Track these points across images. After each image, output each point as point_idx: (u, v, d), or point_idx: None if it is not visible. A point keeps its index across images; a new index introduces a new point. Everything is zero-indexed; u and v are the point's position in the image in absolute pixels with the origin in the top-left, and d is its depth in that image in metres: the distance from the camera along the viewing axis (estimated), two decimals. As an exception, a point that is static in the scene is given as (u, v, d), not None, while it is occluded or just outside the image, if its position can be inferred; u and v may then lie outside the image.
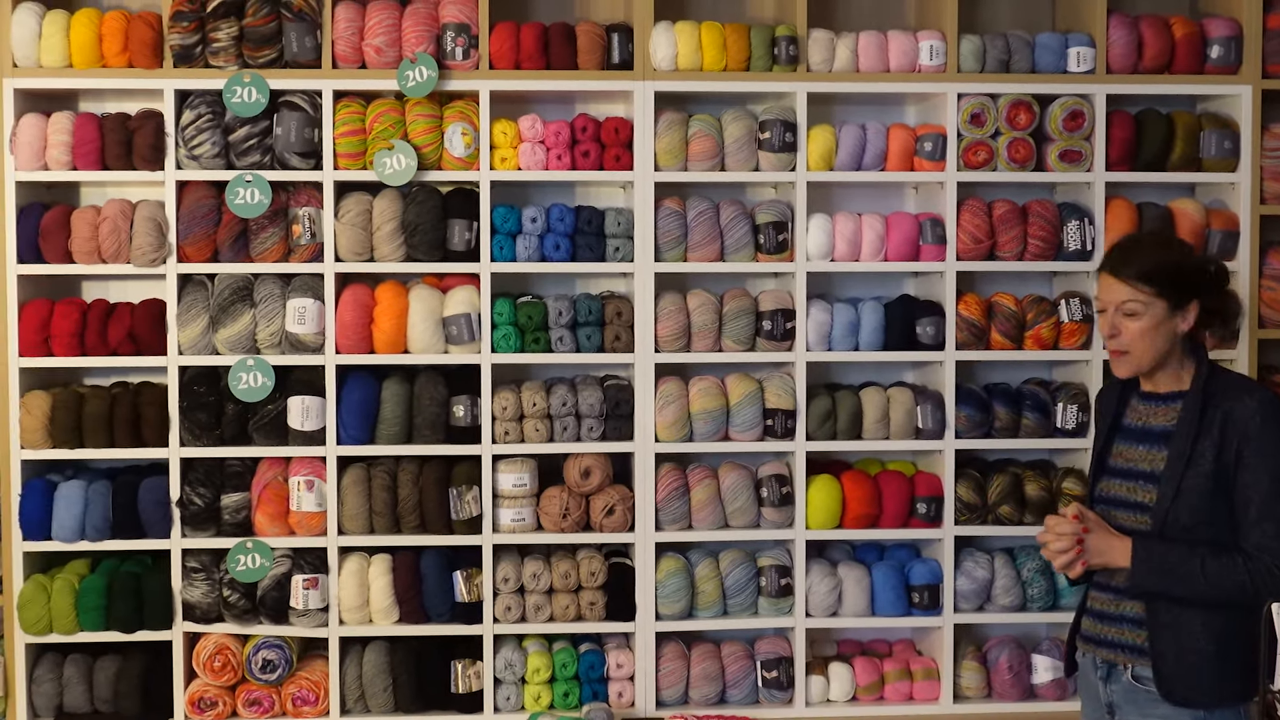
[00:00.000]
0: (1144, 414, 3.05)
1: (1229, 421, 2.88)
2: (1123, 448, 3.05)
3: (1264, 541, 2.83)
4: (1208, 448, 2.89)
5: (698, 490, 4.07)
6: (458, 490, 3.97)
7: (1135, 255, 2.97)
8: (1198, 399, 2.93)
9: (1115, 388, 3.15)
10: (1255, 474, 2.86)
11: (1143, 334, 2.92)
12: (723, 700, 4.10)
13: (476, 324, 3.96)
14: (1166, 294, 2.92)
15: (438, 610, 4.00)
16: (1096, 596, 3.08)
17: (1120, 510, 3.01)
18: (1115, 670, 3.03)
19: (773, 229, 4.05)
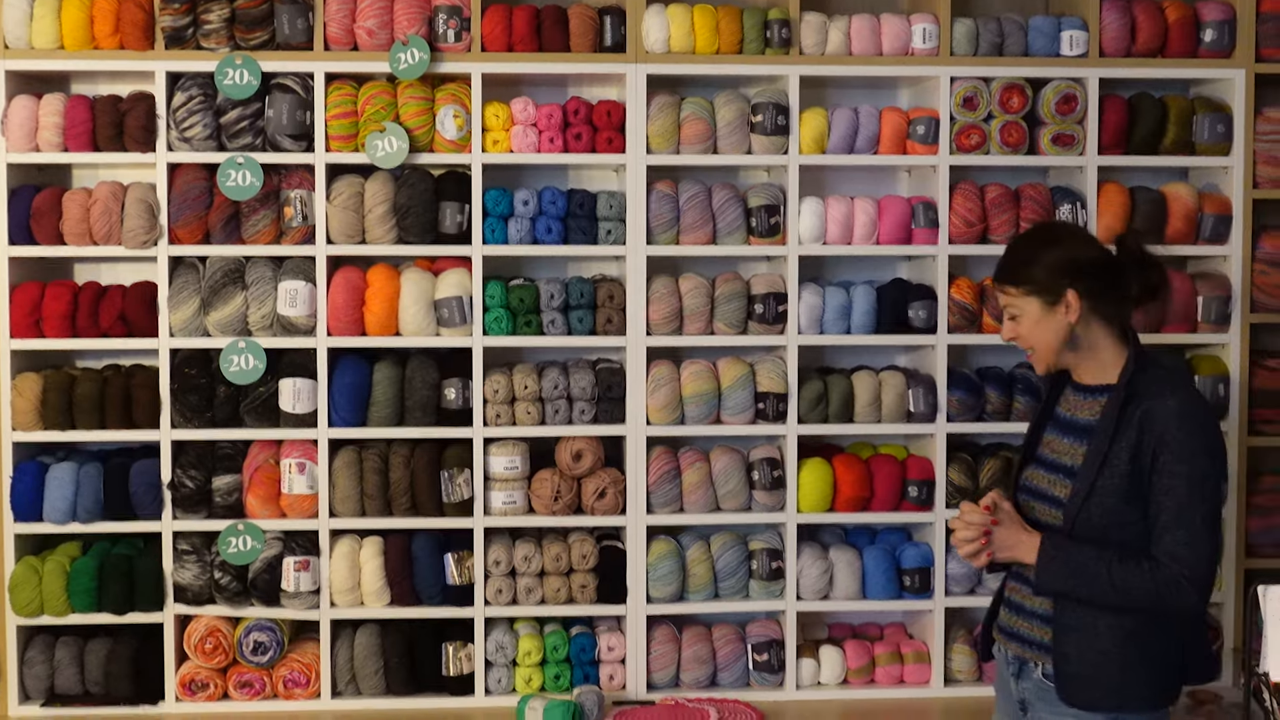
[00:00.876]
0: (1074, 405, 2.97)
1: (1147, 421, 2.77)
2: (1051, 438, 2.98)
3: (1175, 550, 2.71)
4: (1124, 449, 2.79)
5: (689, 473, 4.06)
6: (449, 473, 3.95)
7: (1004, 259, 2.93)
8: (1120, 395, 2.84)
9: (1057, 376, 3.07)
10: (1171, 480, 2.73)
11: (1030, 333, 2.87)
12: (714, 683, 4.09)
13: (468, 307, 3.95)
14: (1036, 291, 2.84)
15: (429, 593, 3.99)
16: (1014, 587, 3.02)
17: (1039, 502, 2.94)
18: (1026, 667, 2.96)
19: (765, 212, 4.03)
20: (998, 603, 3.08)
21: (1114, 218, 4.11)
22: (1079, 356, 2.90)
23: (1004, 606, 3.04)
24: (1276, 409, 4.18)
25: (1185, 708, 3.89)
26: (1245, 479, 4.18)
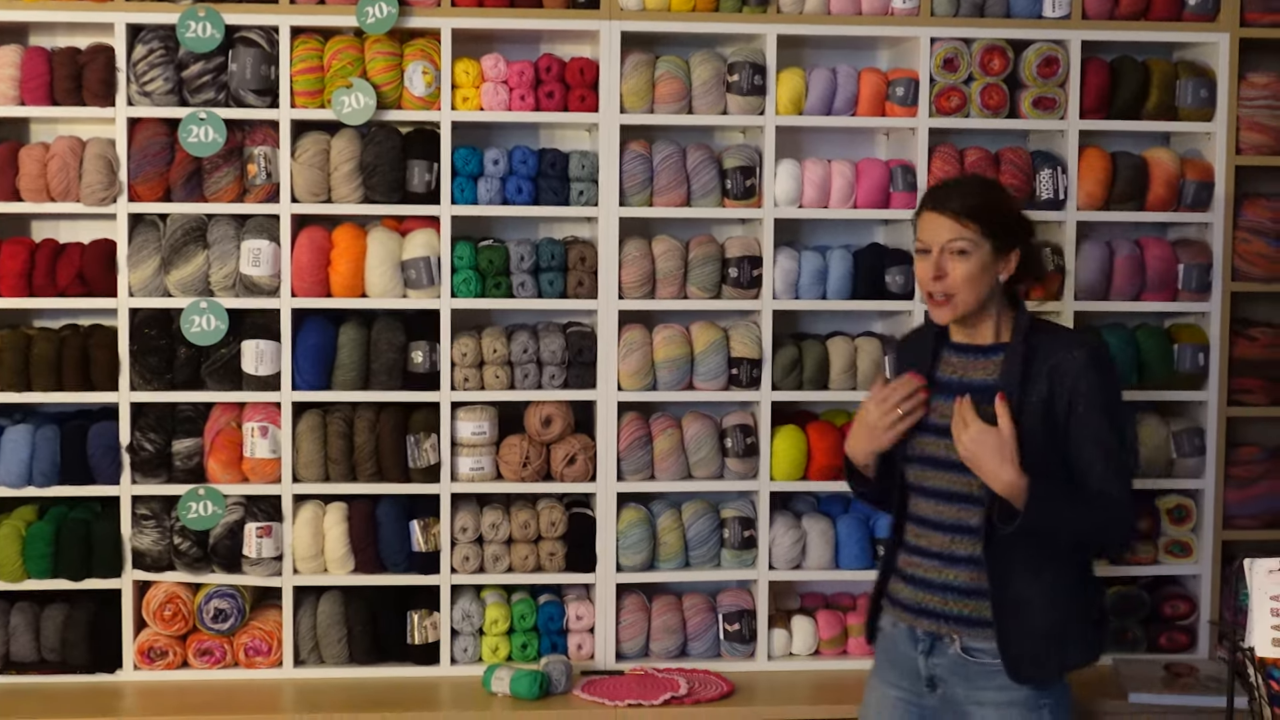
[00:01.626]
0: (959, 367, 2.95)
1: (1057, 375, 2.81)
2: (939, 403, 2.93)
3: (1106, 488, 2.80)
4: (1036, 402, 2.81)
5: (661, 440, 3.99)
6: (415, 438, 3.89)
7: (962, 192, 2.89)
8: (1020, 350, 2.84)
9: (924, 339, 3.04)
10: (1093, 427, 2.80)
11: (970, 277, 2.83)
12: (684, 653, 4.04)
13: (436, 268, 3.88)
14: (992, 235, 2.84)
15: (394, 560, 3.93)
16: (914, 562, 2.98)
17: (943, 471, 2.91)
18: (941, 643, 2.93)
19: (740, 174, 3.96)
20: (884, 582, 3.03)
21: (1095, 183, 4.05)
22: (978, 317, 2.90)
23: (900, 582, 3.00)
24: (1256, 379, 4.13)
25: (1162, 680, 3.84)
26: (1224, 450, 4.13)
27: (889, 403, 2.91)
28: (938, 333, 3.00)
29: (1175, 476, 4.10)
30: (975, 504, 2.86)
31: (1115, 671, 3.94)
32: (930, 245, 2.87)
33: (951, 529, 2.91)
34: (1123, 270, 4.07)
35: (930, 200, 2.90)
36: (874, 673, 3.11)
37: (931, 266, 2.86)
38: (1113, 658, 4.01)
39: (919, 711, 2.99)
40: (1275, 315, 4.30)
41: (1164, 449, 4.08)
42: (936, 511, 2.94)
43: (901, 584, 3.00)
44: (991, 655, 2.86)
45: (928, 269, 2.87)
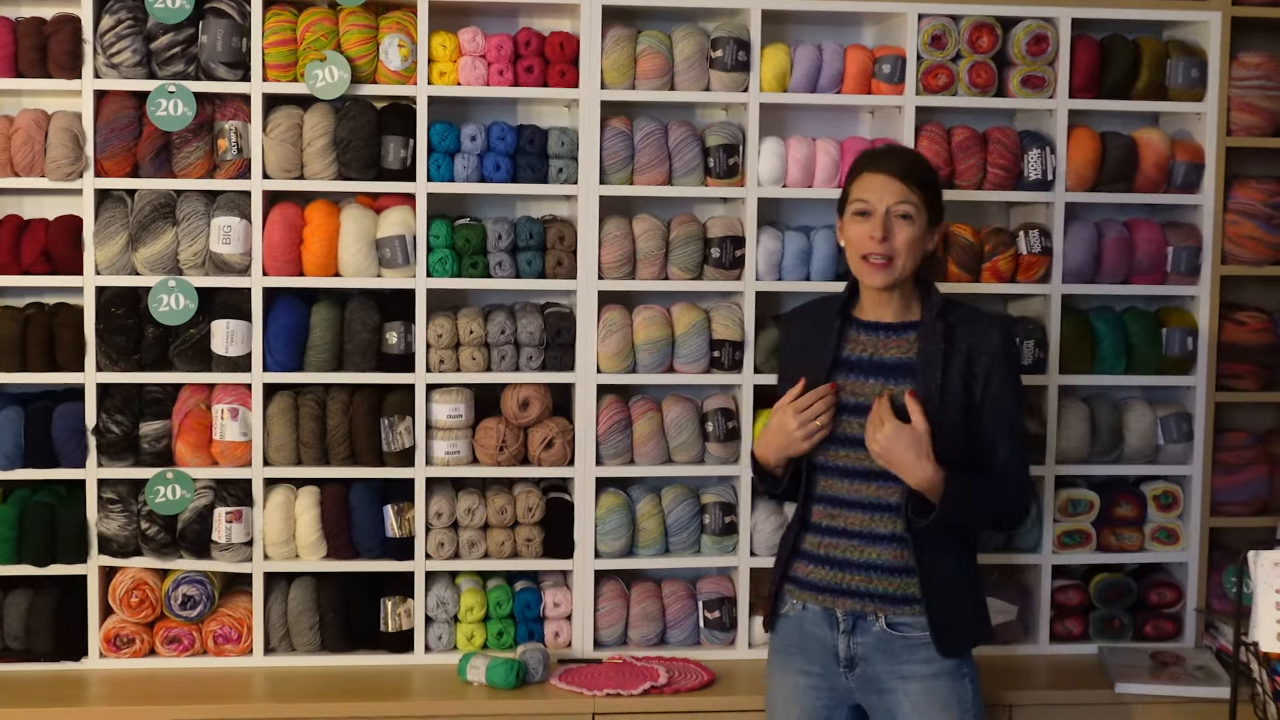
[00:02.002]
0: (869, 345, 2.97)
1: (976, 353, 2.89)
2: (849, 382, 2.95)
3: (1009, 465, 2.92)
4: (956, 381, 2.88)
5: (641, 423, 3.92)
6: (389, 421, 3.81)
7: (907, 157, 2.97)
8: (937, 327, 2.88)
9: (820, 316, 3.04)
10: (1003, 403, 2.90)
11: (911, 242, 2.88)
12: (663, 641, 3.97)
13: (411, 247, 3.80)
14: (929, 207, 2.92)
15: (367, 545, 3.85)
16: (830, 543, 2.98)
17: (857, 449, 2.92)
18: (863, 621, 2.94)
19: (723, 152, 3.89)
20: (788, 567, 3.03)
21: (1084, 164, 3.98)
22: (897, 291, 2.95)
23: (813, 565, 3.00)
24: (1245, 364, 4.07)
25: (1149, 669, 3.80)
26: (1213, 436, 4.08)
27: (810, 413, 2.91)
28: (840, 310, 3.00)
29: (1162, 463, 4.05)
30: (894, 481, 2.89)
31: (1101, 660, 3.91)
32: (874, 207, 2.89)
33: (871, 507, 2.94)
34: (1111, 252, 3.99)
35: (875, 162, 2.94)
36: (775, 663, 3.11)
37: (877, 227, 2.88)
38: (1098, 645, 3.99)
39: (831, 695, 3.01)
40: (1264, 299, 4.24)
41: (1150, 435, 4.02)
42: (853, 490, 2.96)
43: (813, 567, 3.00)
44: (917, 629, 2.91)
45: (870, 229, 2.89)
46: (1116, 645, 3.99)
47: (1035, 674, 3.87)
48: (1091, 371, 3.99)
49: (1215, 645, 3.95)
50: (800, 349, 3.07)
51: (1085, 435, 3.97)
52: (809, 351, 3.04)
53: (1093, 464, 4.01)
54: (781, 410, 2.96)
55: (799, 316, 3.19)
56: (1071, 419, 3.97)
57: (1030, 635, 4.02)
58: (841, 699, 3.03)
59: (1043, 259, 3.96)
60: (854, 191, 2.95)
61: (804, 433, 2.92)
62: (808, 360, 3.04)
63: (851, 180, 2.97)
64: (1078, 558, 4.00)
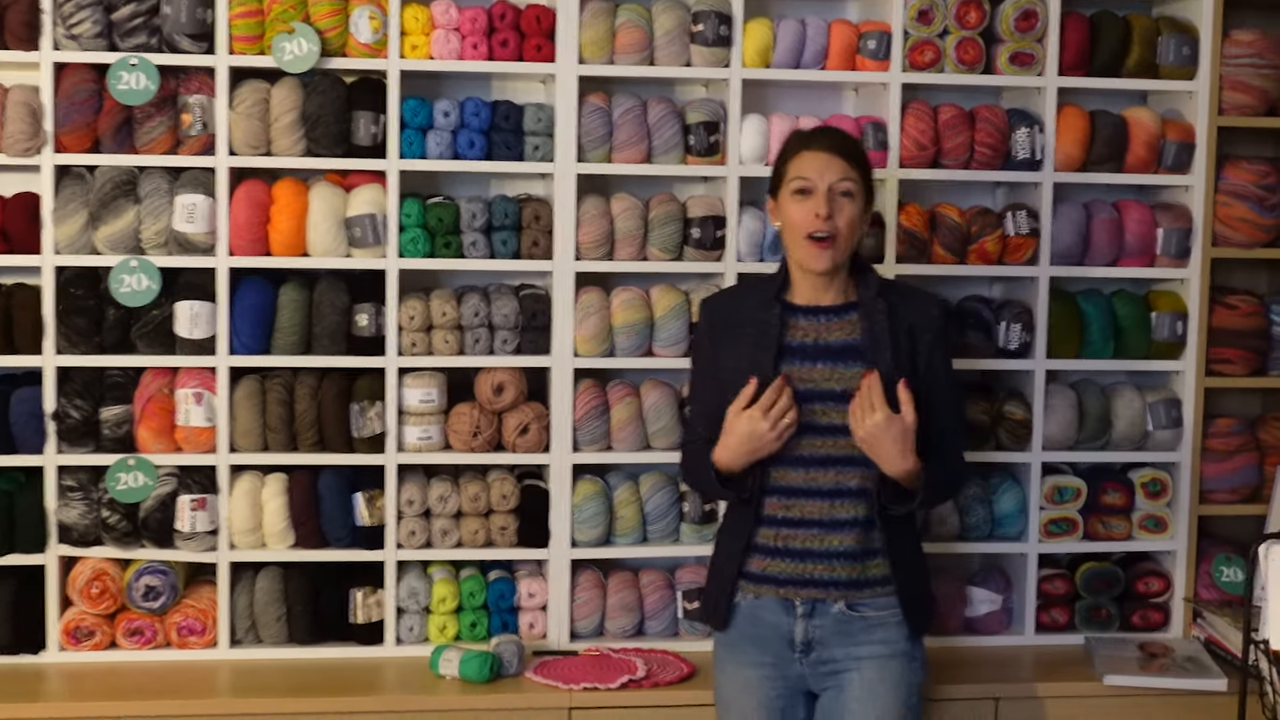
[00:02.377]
0: (811, 330, 2.95)
1: (917, 332, 2.92)
2: (794, 369, 2.92)
3: (952, 438, 3.01)
4: (904, 359, 2.90)
5: (618, 409, 3.83)
6: (360, 405, 3.72)
7: (845, 137, 2.97)
8: (879, 306, 2.91)
9: (748, 302, 3.01)
10: (943, 380, 2.97)
11: (853, 221, 2.89)
12: (640, 632, 3.89)
13: (382, 226, 3.70)
14: (866, 188, 2.93)
15: (336, 534, 3.76)
16: (787, 534, 2.96)
17: (809, 436, 2.91)
18: (822, 605, 2.95)
19: (704, 129, 3.79)
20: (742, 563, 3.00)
21: (1073, 143, 3.90)
22: (835, 274, 2.95)
23: (769, 559, 2.97)
24: (1234, 349, 3.99)
25: (1138, 661, 3.75)
26: (1202, 422, 4.01)
27: (778, 410, 2.88)
28: (775, 295, 2.98)
29: (1150, 449, 3.99)
30: (853, 465, 2.90)
31: (1088, 651, 3.86)
32: (815, 185, 2.89)
33: (831, 494, 2.92)
34: (1100, 234, 3.93)
35: (814, 140, 2.94)
36: (724, 656, 3.08)
37: (821, 205, 2.87)
38: (1085, 635, 3.94)
39: (783, 684, 2.99)
40: (1254, 283, 4.19)
41: (1139, 421, 3.96)
42: (809, 479, 2.94)
43: (770, 560, 2.98)
44: (875, 609, 2.93)
45: (813, 208, 2.88)
46: (1103, 635, 3.95)
47: (1021, 665, 3.80)
48: (1079, 356, 3.94)
49: (1204, 636, 3.90)
50: (729, 338, 3.02)
51: (1072, 421, 3.91)
52: (742, 341, 3.00)
53: (1080, 451, 3.95)
54: (746, 416, 2.90)
55: (720, 304, 3.14)
56: (1058, 404, 3.91)
57: (1015, 625, 3.97)
58: (795, 686, 3.01)
59: (1030, 240, 3.88)
60: (792, 170, 2.93)
61: (776, 432, 2.89)
62: (742, 350, 3.00)
63: (786, 159, 2.97)
64: (1064, 546, 3.94)
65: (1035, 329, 3.89)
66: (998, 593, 3.93)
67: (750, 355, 2.97)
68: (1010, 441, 3.88)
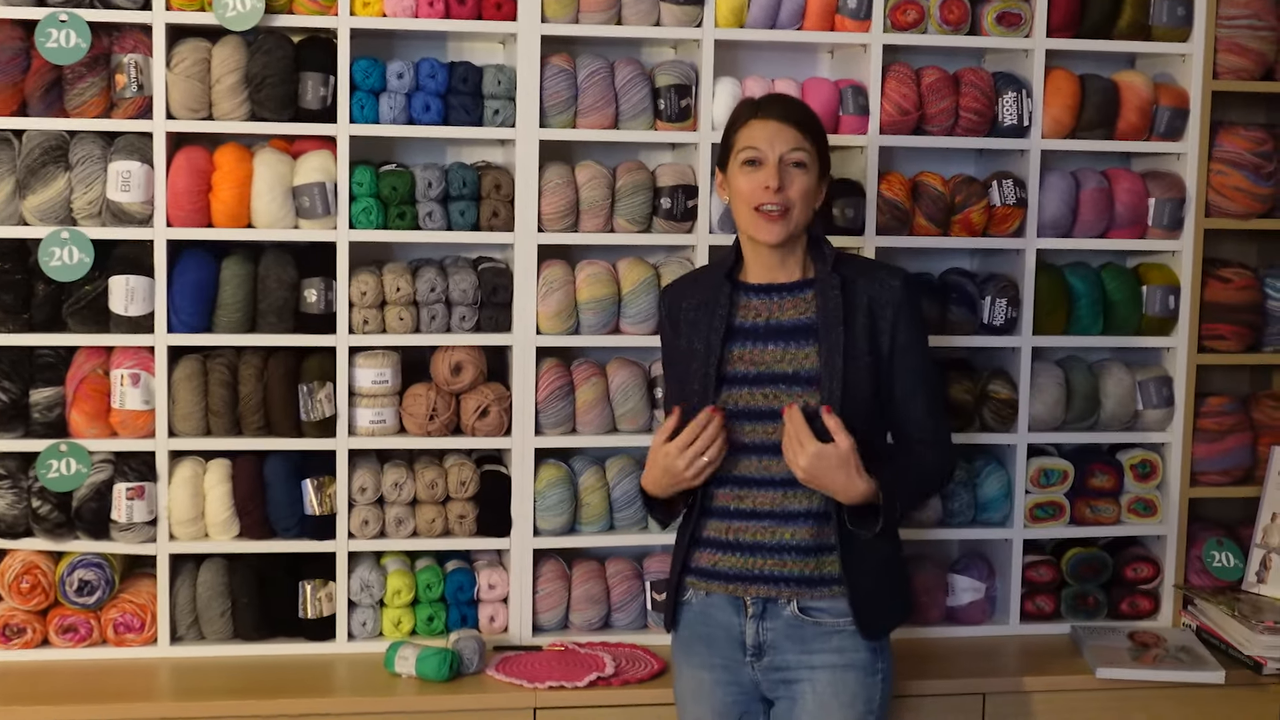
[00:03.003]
0: (763, 309, 2.82)
1: (878, 305, 2.77)
2: (745, 351, 2.80)
3: (925, 420, 2.83)
4: (861, 337, 2.76)
5: (584, 389, 3.68)
6: (308, 387, 3.55)
7: (797, 105, 2.85)
8: (833, 281, 2.78)
9: (704, 284, 2.89)
10: (912, 356, 2.79)
11: (806, 193, 2.77)
12: (607, 624, 3.74)
13: (332, 195, 3.52)
14: (820, 158, 2.82)
15: (284, 524, 3.60)
16: (738, 527, 2.82)
17: (758, 423, 2.79)
18: (774, 606, 2.80)
19: (675, 93, 3.62)
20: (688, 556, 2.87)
21: (1062, 108, 3.74)
22: (788, 248, 2.83)
23: (719, 553, 2.85)
24: (1228, 324, 3.86)
25: (1129, 651, 3.63)
26: (1194, 401, 3.88)
27: (696, 448, 2.73)
28: (727, 274, 2.87)
29: (1140, 429, 3.88)
30: None
31: (1075, 641, 3.77)
32: (766, 155, 2.77)
33: (784, 484, 2.79)
34: (1089, 204, 3.78)
35: (764, 109, 2.81)
36: (680, 659, 2.97)
37: (771, 176, 2.74)
38: (1071, 625, 3.84)
39: (737, 689, 2.87)
40: (1247, 255, 4.06)
41: (1129, 400, 3.85)
42: (763, 468, 2.80)
43: (719, 554, 2.85)
44: (831, 614, 2.79)
45: (763, 179, 2.75)
46: (1091, 624, 3.85)
47: (1007, 657, 3.70)
48: (1067, 332, 3.82)
49: (1195, 624, 3.80)
50: (685, 323, 2.90)
51: (1060, 400, 3.80)
52: (696, 324, 2.87)
53: (1067, 431, 3.85)
54: (665, 452, 2.77)
55: (680, 289, 3.02)
56: (1045, 383, 3.80)
57: (999, 614, 3.87)
58: (749, 692, 2.88)
59: (1017, 211, 3.73)
60: (741, 140, 2.81)
61: (693, 471, 2.75)
62: (695, 333, 2.87)
63: (735, 129, 2.85)
64: (1050, 532, 3.84)
65: (1021, 304, 3.77)
66: (981, 580, 3.83)
67: (702, 338, 2.85)
68: (995, 422, 3.76)
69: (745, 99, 2.99)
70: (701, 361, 2.82)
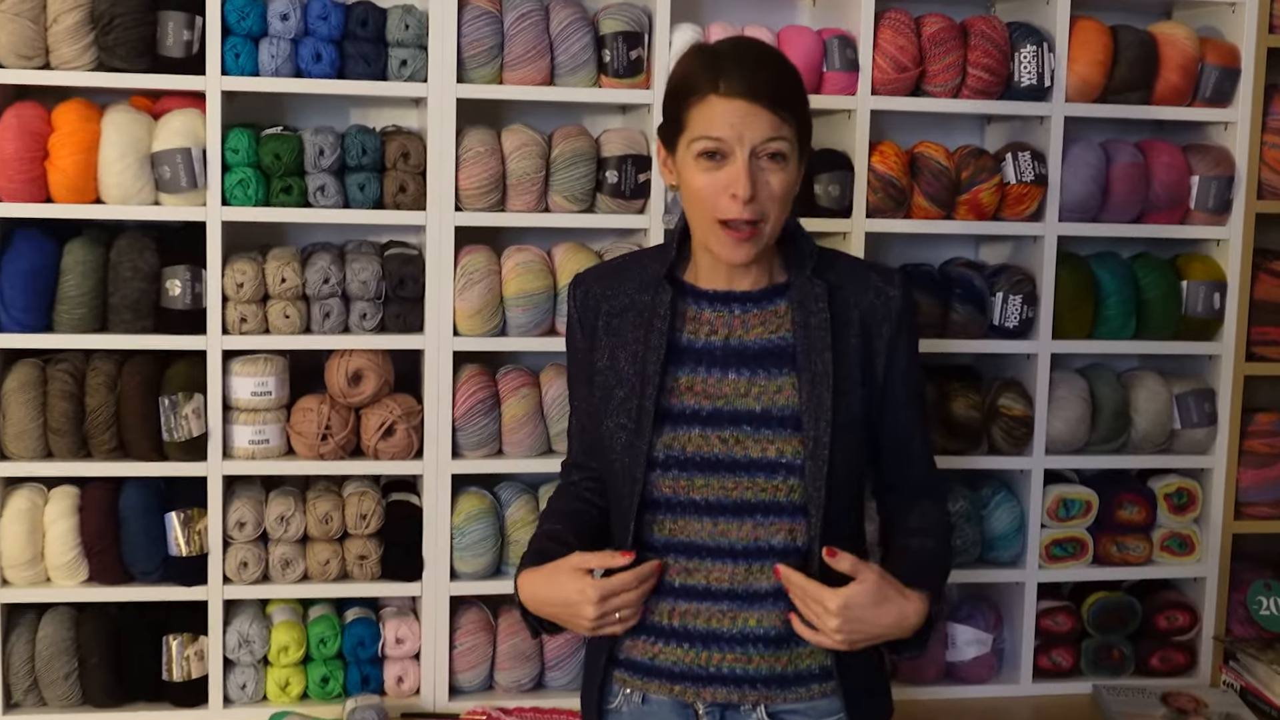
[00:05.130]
0: (719, 324, 2.26)
1: (871, 322, 2.26)
2: (695, 379, 2.24)
3: (926, 471, 2.37)
4: (853, 364, 2.24)
5: (511, 403, 3.34)
6: (172, 399, 3.19)
7: (770, 70, 2.19)
8: (815, 290, 2.24)
9: (634, 281, 2.32)
10: (910, 387, 2.31)
11: (786, 191, 2.19)
12: (540, 684, 3.43)
13: (200, 164, 3.15)
14: (801, 138, 2.19)
15: (144, 567, 3.27)
16: (688, 609, 2.27)
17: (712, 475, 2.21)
18: (735, 713, 2.28)
19: (623, 42, 3.24)
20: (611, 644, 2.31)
21: (1090, 65, 3.41)
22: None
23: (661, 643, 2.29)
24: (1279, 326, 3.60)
25: (1163, 717, 3.37)
26: (1240, 418, 3.57)
27: (618, 602, 2.19)
28: (668, 274, 2.30)
29: (1176, 452, 3.62)
30: (778, 514, 2.21)
31: (1098, 703, 3.47)
32: (731, 148, 2.14)
33: (746, 555, 2.24)
34: (1121, 183, 3.47)
35: (727, 78, 2.15)
36: None
37: (740, 180, 2.12)
38: (1093, 684, 3.54)
39: None
40: None
41: (1164, 417, 3.58)
42: (718, 533, 2.24)
43: (661, 644, 2.27)
44: (812, 715, 2.29)
45: (728, 182, 2.14)
46: (1116, 683, 3.57)
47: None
48: (1093, 336, 3.55)
49: (1239, 684, 3.53)
50: (606, 330, 2.31)
51: (1083, 418, 3.53)
52: (622, 336, 2.29)
53: (1091, 454, 3.58)
54: (578, 588, 2.19)
55: (598, 282, 2.41)
56: (1066, 396, 3.53)
57: (1008, 671, 3.60)
58: None
59: (1036, 190, 3.41)
60: (696, 121, 2.16)
61: (594, 626, 2.21)
62: (622, 349, 2.29)
63: (686, 100, 2.19)
64: (1070, 574, 3.59)
65: (1039, 302, 3.49)
66: (987, 631, 3.56)
67: (632, 357, 2.27)
68: (1006, 443, 3.48)
69: (698, 49, 2.33)
70: (631, 390, 2.23)
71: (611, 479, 2.24)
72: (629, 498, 2.20)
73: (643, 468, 2.18)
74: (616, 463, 2.20)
